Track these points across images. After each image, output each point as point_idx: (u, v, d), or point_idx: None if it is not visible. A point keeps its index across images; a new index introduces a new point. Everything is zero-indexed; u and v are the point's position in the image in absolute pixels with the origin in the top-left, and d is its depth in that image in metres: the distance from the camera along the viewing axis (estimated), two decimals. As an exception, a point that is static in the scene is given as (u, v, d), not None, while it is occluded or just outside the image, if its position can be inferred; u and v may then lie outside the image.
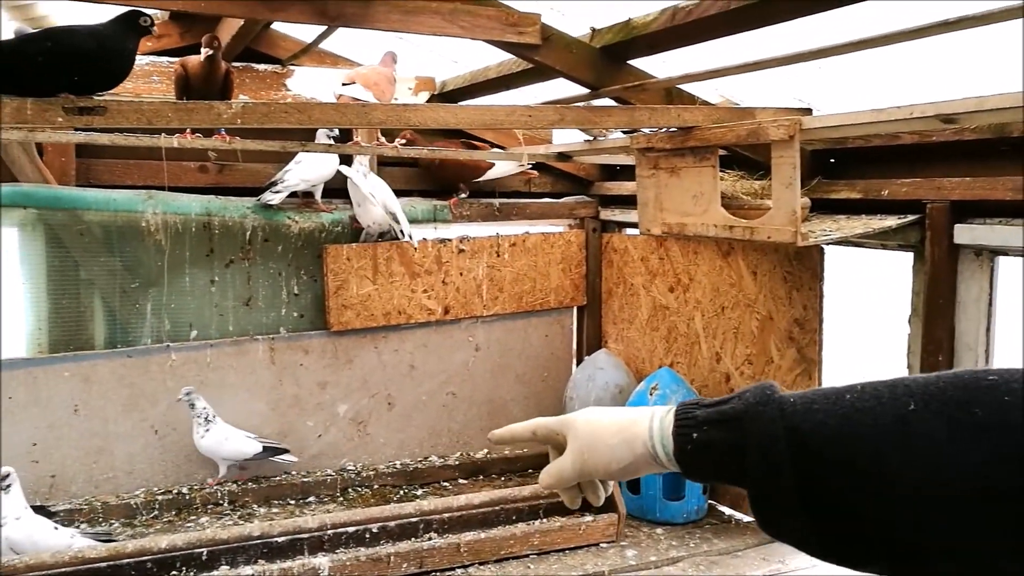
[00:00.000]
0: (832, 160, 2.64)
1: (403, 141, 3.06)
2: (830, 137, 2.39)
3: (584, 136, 3.12)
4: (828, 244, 2.41)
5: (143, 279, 2.96)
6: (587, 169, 3.68)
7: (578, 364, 3.64)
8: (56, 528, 2.34)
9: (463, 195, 3.40)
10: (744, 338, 2.91)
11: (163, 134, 2.49)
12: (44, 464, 2.83)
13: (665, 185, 2.51)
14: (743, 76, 2.39)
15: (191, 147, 2.51)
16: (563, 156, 3.15)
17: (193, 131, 2.65)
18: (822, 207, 2.57)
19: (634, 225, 3.55)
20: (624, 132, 2.91)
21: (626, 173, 3.59)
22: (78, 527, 2.52)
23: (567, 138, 3.43)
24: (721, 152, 2.49)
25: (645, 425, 0.87)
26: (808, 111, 2.48)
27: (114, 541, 2.36)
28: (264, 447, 2.97)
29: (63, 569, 2.16)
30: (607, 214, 3.65)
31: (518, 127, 2.08)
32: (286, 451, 3.04)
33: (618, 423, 0.90)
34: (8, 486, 2.33)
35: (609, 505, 2.76)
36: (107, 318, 2.94)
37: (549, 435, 0.98)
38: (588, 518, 2.71)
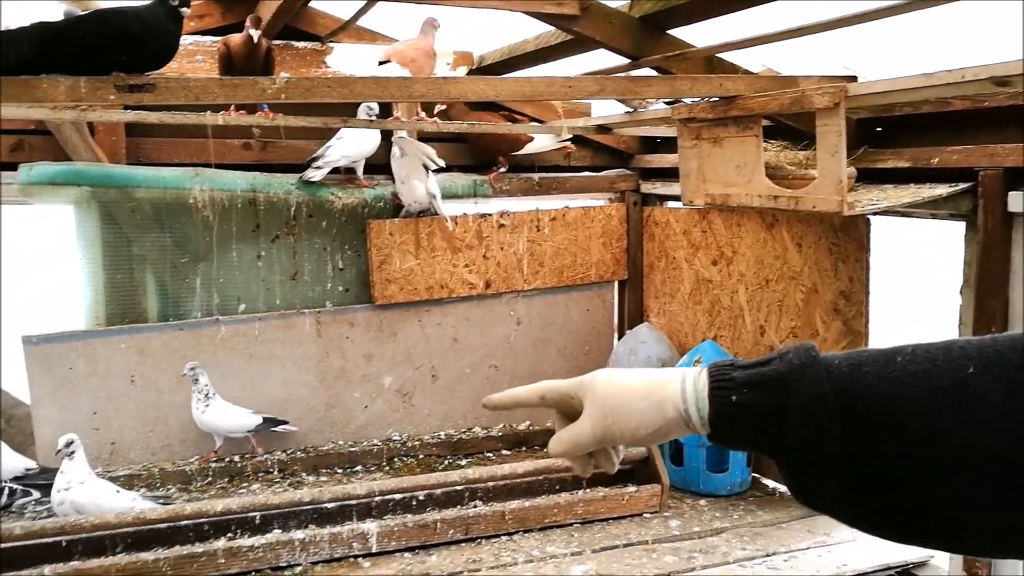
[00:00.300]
0: (879, 129, 2.59)
1: (442, 108, 3.08)
2: (877, 104, 2.34)
3: (624, 108, 3.09)
4: (875, 214, 2.36)
5: (192, 254, 3.04)
6: (627, 142, 3.66)
7: (619, 338, 3.64)
8: (118, 491, 2.44)
9: (502, 169, 3.41)
10: (788, 311, 2.88)
11: (208, 111, 2.55)
12: (104, 432, 2.94)
13: (707, 156, 2.49)
14: (785, 43, 2.35)
15: (236, 124, 2.56)
16: (603, 128, 3.14)
17: (237, 108, 2.70)
18: (868, 177, 2.53)
19: (676, 198, 3.52)
20: (665, 103, 2.89)
21: (667, 145, 3.56)
22: (138, 491, 2.61)
23: (606, 111, 3.41)
24: (764, 122, 2.46)
25: (677, 387, 0.81)
26: (853, 78, 2.43)
27: (173, 504, 2.45)
28: (264, 419, 3.01)
29: (126, 529, 2.26)
30: (648, 187, 3.63)
31: (558, 98, 2.08)
32: (285, 422, 3.07)
33: (645, 385, 0.83)
34: (72, 452, 2.43)
35: (652, 476, 2.78)
36: (159, 292, 3.03)
37: (561, 399, 0.91)
38: (631, 489, 2.73)
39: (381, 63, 2.87)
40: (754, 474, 2.99)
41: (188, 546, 2.27)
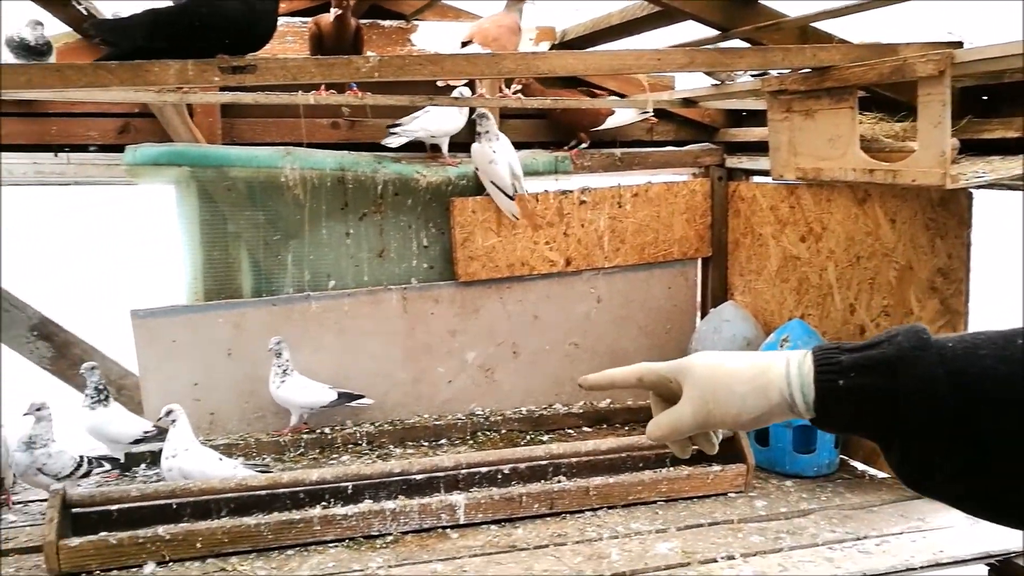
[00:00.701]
0: (984, 97, 2.47)
1: (518, 87, 3.08)
2: (984, 71, 2.23)
3: (709, 81, 3.03)
4: (981, 187, 2.26)
5: (284, 232, 3.14)
6: (712, 115, 3.59)
7: (702, 316, 3.60)
8: (221, 459, 2.56)
9: (583, 145, 3.40)
10: (881, 289, 2.79)
11: (300, 91, 2.61)
12: (205, 402, 3.08)
13: (799, 128, 2.42)
14: (884, 10, 2.26)
15: (326, 103, 2.61)
16: (688, 102, 3.09)
17: (327, 87, 2.76)
18: (972, 148, 2.41)
19: (763, 173, 3.44)
20: (753, 75, 2.81)
21: (754, 119, 3.47)
22: (236, 460, 2.73)
23: (690, 85, 3.34)
24: (859, 93, 2.37)
25: (780, 371, 0.79)
26: (958, 44, 2.31)
27: (271, 472, 2.56)
28: (340, 394, 3.05)
29: (230, 494, 2.38)
30: (733, 161, 3.55)
31: (647, 71, 2.06)
32: (361, 396, 3.10)
33: (748, 370, 0.82)
34: (174, 421, 2.56)
35: (737, 455, 2.75)
36: (253, 269, 3.15)
37: (659, 381, 0.90)
38: (716, 468, 2.70)
39: (464, 44, 2.88)
40: (842, 456, 2.93)
41: (286, 513, 2.37)
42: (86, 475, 2.59)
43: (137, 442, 2.79)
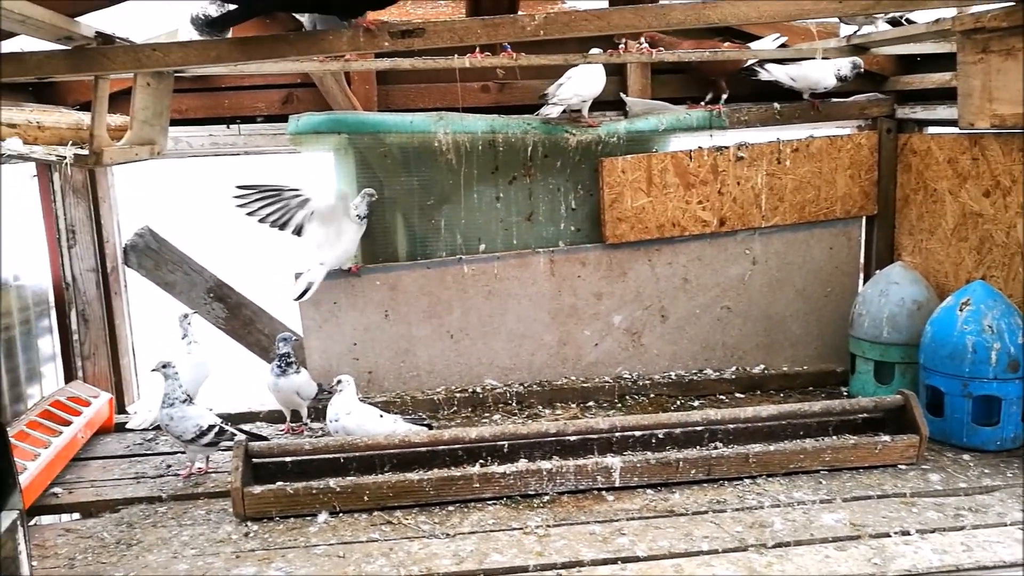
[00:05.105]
0: None
1: (647, 41, 2.98)
2: None
3: (875, 27, 2.80)
4: None
5: (437, 197, 3.20)
6: (880, 62, 3.33)
7: (866, 279, 3.38)
8: (381, 416, 2.66)
9: (724, 96, 3.23)
10: (1083, 247, 2.52)
11: (456, 55, 2.62)
12: (363, 361, 3.22)
13: (997, 71, 2.19)
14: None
15: (481, 66, 2.61)
16: (859, 48, 2.87)
17: (481, 50, 2.76)
18: None
19: (939, 123, 3.17)
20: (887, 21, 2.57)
21: (930, 64, 3.19)
22: (395, 416, 2.83)
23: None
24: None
25: None
26: None
27: (432, 428, 2.64)
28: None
29: (393, 450, 2.47)
30: (904, 112, 3.29)
31: (827, 15, 1.91)
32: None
33: None
34: (341, 389, 2.69)
35: (908, 425, 2.58)
36: (407, 233, 3.23)
37: None
38: (885, 438, 2.56)
39: None
40: (1030, 430, 2.70)
41: (446, 469, 2.44)
42: (211, 444, 2.57)
43: (315, 398, 2.99)
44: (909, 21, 2.83)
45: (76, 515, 2.56)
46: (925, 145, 3.15)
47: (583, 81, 3.11)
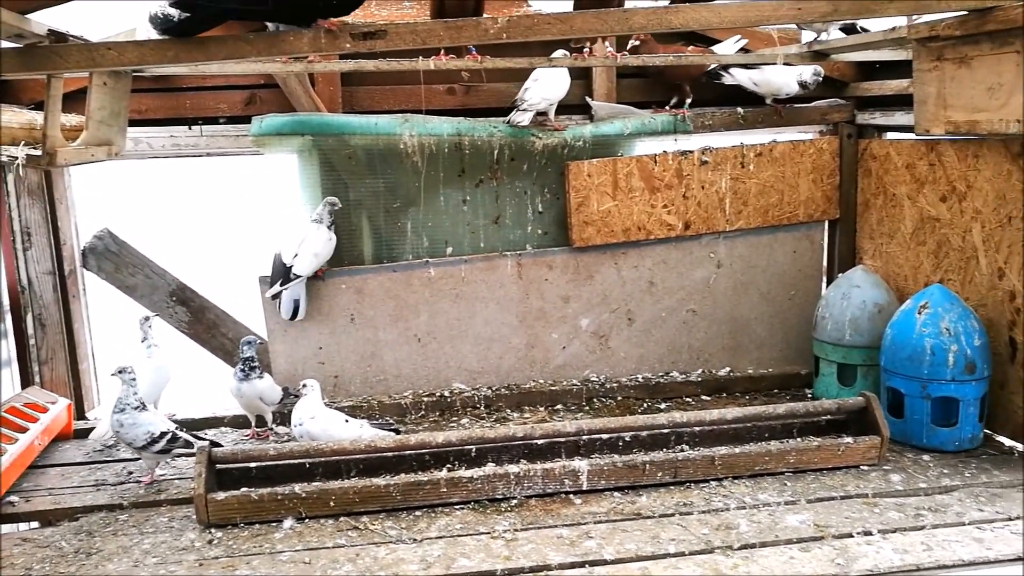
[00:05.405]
0: None
1: (636, 43, 3.00)
2: None
3: (828, 34, 2.85)
4: None
5: (403, 199, 3.18)
6: (841, 68, 3.38)
7: (828, 282, 3.43)
8: (347, 420, 2.64)
9: (688, 101, 3.27)
10: (1036, 251, 2.58)
11: (420, 57, 2.61)
12: (329, 365, 3.18)
13: (951, 78, 2.24)
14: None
15: (446, 68, 2.60)
16: (818, 55, 2.91)
17: (446, 52, 2.75)
18: None
19: (897, 128, 3.23)
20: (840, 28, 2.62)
21: (888, 71, 3.25)
22: (362, 420, 2.81)
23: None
24: None
25: None
26: None
27: (399, 432, 2.61)
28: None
29: (359, 455, 2.45)
30: (864, 117, 3.35)
31: (786, 21, 1.94)
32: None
33: None
34: (305, 394, 2.65)
35: (870, 427, 2.62)
36: (373, 235, 3.21)
37: None
38: (847, 440, 2.59)
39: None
40: (986, 430, 2.75)
41: (413, 474, 2.42)
42: (163, 452, 2.52)
43: (281, 402, 2.93)
44: (863, 29, 2.89)
45: (34, 524, 2.49)
46: (884, 150, 3.21)
47: (549, 84, 3.11)
